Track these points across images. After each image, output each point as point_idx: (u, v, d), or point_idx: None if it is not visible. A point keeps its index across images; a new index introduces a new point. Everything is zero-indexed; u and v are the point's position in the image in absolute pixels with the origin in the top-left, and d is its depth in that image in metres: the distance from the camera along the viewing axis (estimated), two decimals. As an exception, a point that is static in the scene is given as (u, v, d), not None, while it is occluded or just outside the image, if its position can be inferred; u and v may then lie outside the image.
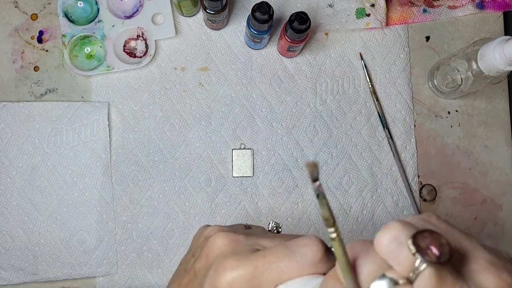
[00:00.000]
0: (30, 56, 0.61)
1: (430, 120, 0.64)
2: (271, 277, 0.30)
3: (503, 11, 0.65)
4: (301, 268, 0.30)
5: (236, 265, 0.30)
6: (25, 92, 0.61)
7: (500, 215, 0.64)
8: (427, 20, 0.65)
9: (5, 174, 0.59)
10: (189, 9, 0.60)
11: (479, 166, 0.64)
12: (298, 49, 0.60)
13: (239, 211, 0.61)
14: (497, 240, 0.64)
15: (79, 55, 0.61)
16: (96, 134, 0.60)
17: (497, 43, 0.50)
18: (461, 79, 0.57)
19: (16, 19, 0.61)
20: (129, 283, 0.60)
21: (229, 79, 0.63)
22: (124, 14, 0.61)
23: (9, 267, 0.58)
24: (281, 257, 0.30)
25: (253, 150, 0.62)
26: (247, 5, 0.63)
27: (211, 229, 0.36)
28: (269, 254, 0.30)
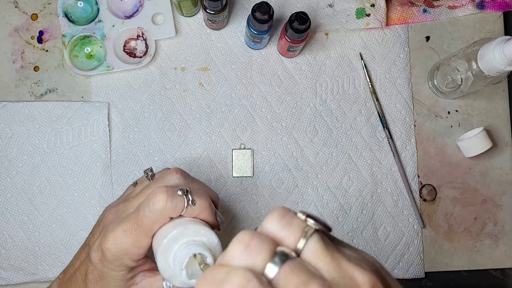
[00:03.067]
0: (30, 56, 0.61)
1: (430, 120, 0.64)
2: (144, 230, 0.40)
3: (503, 11, 0.65)
4: (159, 217, 0.39)
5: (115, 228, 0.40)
6: (25, 92, 0.61)
7: (500, 215, 0.64)
8: (427, 20, 0.65)
9: (5, 174, 0.59)
10: (189, 9, 0.60)
11: (479, 166, 0.64)
12: (298, 49, 0.60)
13: (239, 211, 0.61)
14: (497, 240, 0.64)
15: (79, 55, 0.61)
16: (96, 134, 0.60)
17: (497, 43, 0.50)
18: (461, 79, 0.57)
19: (16, 19, 0.61)
20: (129, 283, 0.60)
21: (229, 79, 0.63)
22: (124, 14, 0.61)
23: (9, 267, 0.58)
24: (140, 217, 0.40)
25: (253, 150, 0.62)
26: (247, 5, 0.63)
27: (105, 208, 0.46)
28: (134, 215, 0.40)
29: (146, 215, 0.39)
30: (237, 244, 0.26)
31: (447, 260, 0.63)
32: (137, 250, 0.41)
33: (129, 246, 0.40)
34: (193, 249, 0.36)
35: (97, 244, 0.42)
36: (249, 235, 0.27)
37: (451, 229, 0.64)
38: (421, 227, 0.63)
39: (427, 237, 0.63)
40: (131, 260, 0.41)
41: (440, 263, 0.63)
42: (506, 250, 0.64)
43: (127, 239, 0.40)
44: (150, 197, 0.40)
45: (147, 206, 0.39)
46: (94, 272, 0.42)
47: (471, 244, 0.64)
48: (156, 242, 0.39)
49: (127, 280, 0.42)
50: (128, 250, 0.40)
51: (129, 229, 0.40)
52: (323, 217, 0.62)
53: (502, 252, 0.64)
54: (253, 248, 0.26)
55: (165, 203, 0.39)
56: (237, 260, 0.26)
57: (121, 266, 0.41)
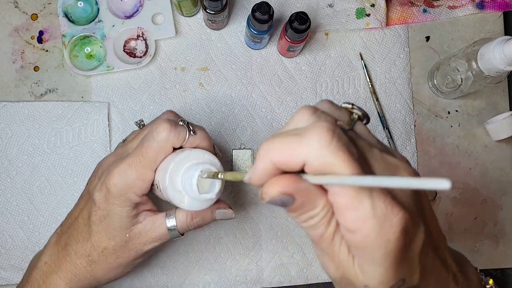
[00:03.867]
0: (30, 56, 0.61)
1: (430, 120, 0.64)
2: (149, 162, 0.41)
3: (503, 11, 0.66)
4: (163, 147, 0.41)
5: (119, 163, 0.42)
6: (25, 92, 0.61)
7: (500, 215, 0.64)
8: (427, 20, 0.65)
9: (5, 174, 0.59)
10: (189, 9, 0.60)
11: (479, 166, 0.64)
12: (298, 49, 0.60)
13: (239, 211, 0.61)
14: (497, 240, 0.64)
15: (79, 55, 0.61)
16: (96, 134, 0.60)
17: (497, 43, 0.50)
18: (461, 79, 0.57)
19: (16, 19, 0.61)
20: (129, 283, 0.59)
21: (229, 79, 0.63)
22: (124, 14, 0.61)
23: (9, 267, 0.58)
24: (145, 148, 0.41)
25: (253, 150, 0.62)
26: (247, 5, 0.63)
27: None
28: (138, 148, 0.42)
29: (150, 145, 0.41)
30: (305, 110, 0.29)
31: (447, 260, 0.63)
32: (142, 183, 0.42)
33: (134, 179, 0.42)
34: (201, 166, 0.39)
35: (100, 185, 0.43)
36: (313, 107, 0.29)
37: (451, 229, 0.64)
38: (421, 227, 0.63)
39: (427, 237, 0.63)
40: (136, 194, 0.42)
41: (440, 263, 0.63)
42: (506, 250, 0.64)
43: (132, 172, 0.41)
44: (153, 128, 0.41)
45: (151, 137, 0.41)
46: (98, 212, 0.43)
47: (471, 244, 0.64)
48: (161, 173, 0.41)
49: (131, 218, 0.44)
50: (133, 184, 0.42)
51: (134, 162, 0.42)
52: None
53: (502, 252, 0.64)
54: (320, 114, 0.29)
55: (169, 132, 0.41)
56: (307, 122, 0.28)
57: (126, 202, 0.43)
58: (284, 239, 0.61)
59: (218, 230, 0.61)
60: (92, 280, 0.45)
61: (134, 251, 0.44)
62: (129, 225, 0.44)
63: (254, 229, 0.61)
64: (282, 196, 0.29)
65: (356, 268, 0.29)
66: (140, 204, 0.44)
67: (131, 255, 0.45)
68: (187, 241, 0.60)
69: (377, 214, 0.26)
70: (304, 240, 0.61)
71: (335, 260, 0.29)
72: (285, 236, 0.61)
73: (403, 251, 0.28)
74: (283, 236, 0.61)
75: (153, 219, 0.45)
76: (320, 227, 0.29)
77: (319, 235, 0.29)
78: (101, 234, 0.44)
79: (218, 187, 0.41)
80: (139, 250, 0.45)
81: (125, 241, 0.44)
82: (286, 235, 0.61)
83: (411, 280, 0.29)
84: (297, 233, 0.61)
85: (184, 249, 0.60)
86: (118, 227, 0.43)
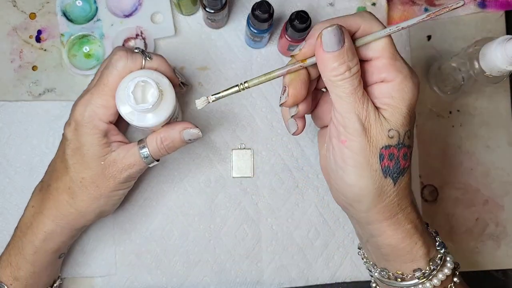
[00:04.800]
0: (28, 56, 0.61)
1: (432, 120, 0.64)
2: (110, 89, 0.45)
3: (505, 10, 0.65)
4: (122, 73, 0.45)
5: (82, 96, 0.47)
6: (24, 92, 0.60)
7: (502, 215, 0.64)
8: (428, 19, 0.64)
9: (4, 174, 0.59)
10: (188, 8, 0.60)
11: (480, 166, 0.64)
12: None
13: (239, 212, 0.61)
14: (499, 241, 0.63)
15: (77, 54, 0.60)
16: (95, 134, 0.60)
17: (498, 43, 0.49)
18: (463, 79, 0.57)
19: (14, 18, 0.61)
20: (128, 284, 0.59)
21: (229, 79, 0.62)
22: (123, 13, 0.61)
23: (7, 268, 0.58)
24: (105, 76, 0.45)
25: (253, 150, 0.61)
26: (247, 4, 0.63)
27: None
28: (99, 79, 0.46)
29: (110, 72, 0.45)
30: None
31: (448, 261, 0.63)
32: (106, 110, 0.46)
33: (98, 106, 0.45)
34: (138, 79, 0.44)
35: (68, 120, 0.47)
36: None
37: (453, 230, 0.63)
38: (422, 228, 0.63)
39: (429, 238, 0.63)
40: (102, 121, 0.46)
41: (442, 264, 0.63)
42: (508, 251, 0.64)
43: (95, 100, 0.45)
44: (111, 58, 0.46)
45: (110, 66, 0.45)
46: (71, 145, 0.47)
47: (472, 245, 0.63)
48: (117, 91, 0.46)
49: (103, 145, 0.47)
50: (98, 111, 0.45)
51: (96, 91, 0.46)
52: (323, 218, 0.61)
53: (504, 253, 0.64)
54: None
55: (126, 59, 0.45)
56: None
57: (94, 129, 0.46)
58: (285, 240, 0.61)
59: (218, 231, 0.60)
60: (76, 215, 0.49)
61: (112, 179, 0.47)
62: (102, 153, 0.47)
63: (254, 230, 0.61)
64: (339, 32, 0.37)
65: (382, 118, 0.38)
66: (110, 134, 0.47)
67: (109, 184, 0.48)
68: (187, 242, 0.60)
69: (406, 71, 0.38)
70: (304, 241, 0.61)
71: (362, 113, 0.38)
72: (285, 238, 0.61)
73: (413, 110, 0.39)
74: (283, 238, 0.61)
75: (126, 147, 0.48)
76: (356, 77, 0.37)
77: (355, 87, 0.37)
78: (77, 165, 0.47)
79: (155, 98, 0.44)
80: (116, 178, 0.47)
81: (101, 169, 0.47)
82: (287, 236, 0.61)
83: (412, 139, 0.40)
84: (297, 234, 0.61)
85: (184, 250, 0.60)
86: (92, 156, 0.46)
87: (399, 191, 0.40)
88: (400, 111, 0.38)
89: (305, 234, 0.61)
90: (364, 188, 0.39)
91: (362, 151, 0.38)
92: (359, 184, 0.39)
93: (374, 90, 0.39)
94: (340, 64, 0.37)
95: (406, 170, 0.40)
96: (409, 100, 0.38)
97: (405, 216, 0.41)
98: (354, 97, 0.37)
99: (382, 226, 0.41)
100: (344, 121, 0.38)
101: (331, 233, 0.61)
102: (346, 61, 0.37)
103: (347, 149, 0.39)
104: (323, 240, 0.61)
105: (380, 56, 0.38)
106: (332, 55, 0.37)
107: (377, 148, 0.38)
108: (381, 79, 0.39)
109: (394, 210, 0.40)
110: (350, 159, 0.39)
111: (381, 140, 0.38)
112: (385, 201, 0.39)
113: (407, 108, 0.38)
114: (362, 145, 0.38)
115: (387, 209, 0.40)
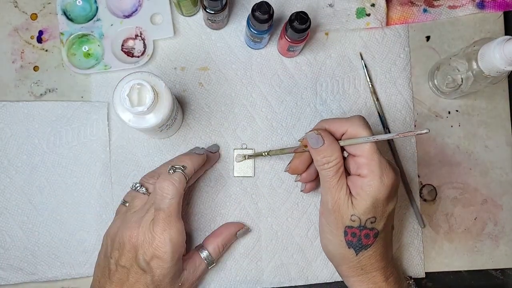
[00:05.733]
0: (29, 56, 0.61)
1: (430, 120, 0.64)
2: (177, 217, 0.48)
3: (503, 11, 0.65)
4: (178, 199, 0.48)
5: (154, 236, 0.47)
6: (25, 92, 0.61)
7: (501, 215, 0.64)
8: (428, 20, 0.65)
9: (5, 174, 0.59)
10: (189, 9, 0.60)
11: (479, 166, 0.64)
12: (298, 49, 0.60)
13: (239, 211, 0.61)
14: (497, 240, 0.64)
15: (77, 53, 0.61)
16: (96, 134, 0.60)
17: (497, 43, 0.50)
18: (462, 79, 0.57)
19: (15, 18, 0.61)
20: (129, 283, 0.59)
21: (229, 79, 0.62)
22: (123, 13, 0.61)
23: (8, 267, 0.58)
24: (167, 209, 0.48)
25: (254, 150, 0.62)
26: (247, 5, 0.63)
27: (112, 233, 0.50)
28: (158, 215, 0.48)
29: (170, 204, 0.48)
30: None
31: (447, 260, 0.63)
32: (183, 236, 0.49)
33: (176, 238, 0.48)
34: (132, 82, 0.46)
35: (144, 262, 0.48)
36: None
37: (452, 229, 0.64)
38: (422, 227, 0.63)
39: (428, 237, 0.63)
40: (183, 247, 0.50)
41: (441, 263, 0.63)
42: (506, 250, 0.64)
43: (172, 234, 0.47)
44: (160, 192, 0.48)
45: (164, 199, 0.47)
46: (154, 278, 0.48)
47: (471, 244, 0.64)
48: None
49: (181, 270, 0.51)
50: (177, 242, 0.48)
51: (166, 225, 0.47)
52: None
53: (502, 253, 0.64)
54: None
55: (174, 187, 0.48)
56: None
57: (179, 259, 0.50)
58: (284, 239, 0.61)
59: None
60: None
61: None
62: (179, 275, 0.51)
63: (254, 229, 0.61)
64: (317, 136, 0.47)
65: (349, 203, 0.47)
66: None
67: None
68: (186, 241, 0.60)
69: (378, 172, 0.46)
70: (304, 240, 0.61)
71: (334, 196, 0.48)
72: (285, 237, 0.61)
73: (385, 200, 0.47)
74: (283, 237, 0.61)
75: (193, 262, 0.53)
76: (333, 169, 0.47)
77: (331, 175, 0.47)
78: None
79: (150, 101, 0.46)
80: None
81: None
82: (286, 235, 0.61)
83: (378, 224, 0.48)
84: (297, 233, 0.61)
85: (184, 249, 0.60)
86: (174, 282, 0.50)
87: (361, 259, 0.50)
88: (365, 203, 0.47)
89: (305, 233, 0.62)
90: (332, 251, 0.51)
91: (332, 224, 0.49)
92: (328, 247, 0.51)
93: (352, 179, 0.48)
94: (321, 157, 0.48)
95: (370, 246, 0.49)
96: (373, 196, 0.47)
97: (369, 278, 0.51)
98: (330, 183, 0.48)
99: (350, 280, 0.52)
100: (323, 198, 0.50)
101: (330, 232, 0.62)
102: (325, 156, 0.47)
103: (323, 219, 0.50)
104: None
105: (361, 155, 0.47)
106: (314, 150, 0.48)
107: (343, 225, 0.48)
108: (358, 173, 0.48)
109: (358, 271, 0.50)
110: (324, 227, 0.51)
111: (346, 220, 0.48)
112: (349, 264, 0.50)
113: (371, 201, 0.47)
114: (331, 220, 0.49)
115: (352, 270, 0.51)
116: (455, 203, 0.64)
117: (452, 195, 0.64)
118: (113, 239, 0.50)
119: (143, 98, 0.47)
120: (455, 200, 0.64)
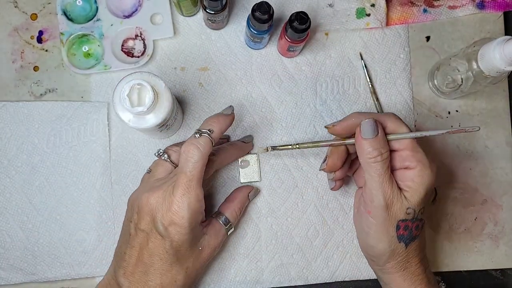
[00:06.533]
0: (29, 56, 0.61)
1: (430, 120, 0.64)
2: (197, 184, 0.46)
3: (503, 11, 0.65)
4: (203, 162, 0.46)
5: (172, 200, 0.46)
6: (25, 92, 0.61)
7: (501, 215, 0.64)
8: (427, 20, 0.65)
9: (4, 174, 0.59)
10: (189, 9, 0.60)
11: (479, 166, 0.64)
12: (298, 49, 0.60)
13: (238, 211, 0.61)
14: (497, 240, 0.64)
15: (77, 53, 0.61)
16: (96, 134, 0.60)
17: (497, 43, 0.50)
18: (462, 79, 0.57)
19: (15, 18, 0.61)
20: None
21: (229, 79, 0.62)
22: (123, 14, 0.61)
23: (8, 267, 0.58)
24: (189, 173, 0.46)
25: (258, 154, 0.61)
26: (247, 5, 0.63)
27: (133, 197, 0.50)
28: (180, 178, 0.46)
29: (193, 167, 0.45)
30: None
31: (447, 260, 0.63)
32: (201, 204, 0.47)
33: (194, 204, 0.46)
34: (132, 82, 0.46)
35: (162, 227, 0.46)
36: None
37: (452, 229, 0.64)
38: (421, 228, 0.63)
39: (428, 237, 0.63)
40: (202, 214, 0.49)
41: (441, 264, 0.63)
42: (507, 251, 0.64)
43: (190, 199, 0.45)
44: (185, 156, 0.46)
45: (188, 162, 0.45)
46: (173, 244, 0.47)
47: (471, 244, 0.64)
48: None
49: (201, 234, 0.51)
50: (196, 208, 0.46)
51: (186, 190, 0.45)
52: (322, 218, 0.62)
53: (503, 253, 0.64)
54: None
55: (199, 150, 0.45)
56: None
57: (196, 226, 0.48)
58: (284, 239, 0.61)
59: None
60: None
61: (207, 257, 0.52)
62: (198, 241, 0.50)
63: (254, 229, 0.61)
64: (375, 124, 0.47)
65: (402, 197, 0.47)
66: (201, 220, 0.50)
67: (204, 260, 0.52)
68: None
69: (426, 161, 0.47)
70: (304, 240, 0.61)
71: (387, 191, 0.46)
72: (285, 237, 0.61)
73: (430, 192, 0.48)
74: (283, 237, 0.61)
75: (213, 228, 0.52)
76: (385, 162, 0.47)
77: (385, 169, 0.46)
78: (182, 260, 0.49)
79: (150, 101, 0.46)
80: (210, 256, 0.52)
81: (199, 253, 0.50)
82: (286, 236, 0.61)
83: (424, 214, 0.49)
84: (297, 233, 0.61)
85: (184, 249, 0.60)
86: (193, 247, 0.49)
87: (409, 252, 0.49)
88: (419, 193, 0.47)
89: (305, 233, 0.62)
90: (382, 249, 0.49)
91: (383, 222, 0.48)
92: (378, 246, 0.49)
93: (399, 174, 0.48)
94: (373, 149, 0.46)
95: (418, 237, 0.49)
96: (427, 184, 0.47)
97: (412, 271, 0.50)
98: (383, 178, 0.46)
99: (393, 277, 0.50)
100: (372, 196, 0.47)
101: (330, 232, 0.62)
102: (378, 148, 0.46)
103: (372, 219, 0.48)
104: (322, 240, 0.61)
105: (405, 148, 0.48)
106: (368, 141, 0.46)
107: (396, 220, 0.47)
108: (405, 166, 0.48)
109: (404, 265, 0.50)
110: (373, 226, 0.49)
111: (400, 214, 0.47)
112: (397, 259, 0.49)
113: (424, 190, 0.47)
114: (384, 217, 0.47)
115: (398, 265, 0.50)
116: (455, 203, 0.64)
117: (452, 195, 0.64)
118: (133, 203, 0.50)
119: (143, 98, 0.47)
120: (455, 200, 0.64)
